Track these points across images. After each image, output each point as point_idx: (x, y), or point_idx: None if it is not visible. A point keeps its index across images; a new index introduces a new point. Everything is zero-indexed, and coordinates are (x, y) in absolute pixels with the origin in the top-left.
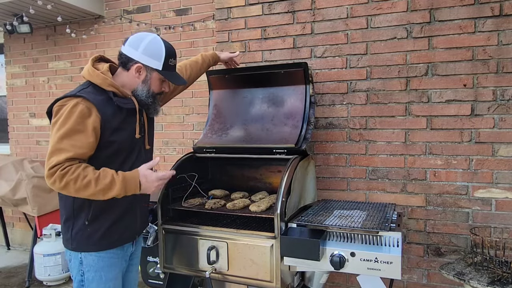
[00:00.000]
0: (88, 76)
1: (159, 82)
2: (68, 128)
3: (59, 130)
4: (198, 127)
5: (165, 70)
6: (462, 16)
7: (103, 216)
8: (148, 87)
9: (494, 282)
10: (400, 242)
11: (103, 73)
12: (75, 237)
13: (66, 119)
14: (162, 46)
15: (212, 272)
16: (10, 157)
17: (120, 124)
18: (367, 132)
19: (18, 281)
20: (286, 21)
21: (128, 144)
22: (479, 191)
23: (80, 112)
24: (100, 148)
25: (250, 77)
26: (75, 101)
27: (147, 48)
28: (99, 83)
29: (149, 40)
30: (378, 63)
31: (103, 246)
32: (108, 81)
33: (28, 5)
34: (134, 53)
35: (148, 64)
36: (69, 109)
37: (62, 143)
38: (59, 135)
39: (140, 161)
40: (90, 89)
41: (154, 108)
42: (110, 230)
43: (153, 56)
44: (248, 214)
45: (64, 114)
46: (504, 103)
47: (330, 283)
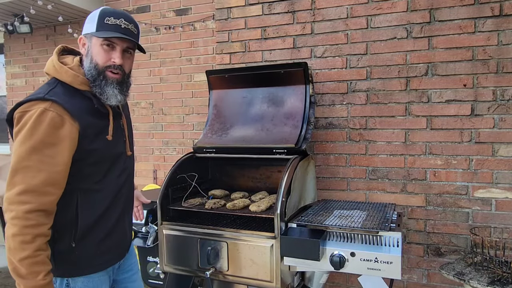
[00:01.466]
0: (53, 72)
1: (103, 50)
2: (36, 140)
3: (25, 143)
4: (198, 127)
5: (101, 30)
6: (462, 16)
7: (92, 234)
8: (90, 58)
9: (494, 282)
10: (400, 242)
11: (72, 68)
12: (60, 262)
13: (33, 129)
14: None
15: (212, 272)
16: (10, 157)
17: (101, 129)
18: (367, 132)
19: None
20: (286, 21)
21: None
22: (479, 191)
23: (51, 120)
24: (80, 159)
25: (250, 77)
26: (42, 106)
27: (87, 19)
28: (69, 81)
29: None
30: (378, 63)
31: (95, 268)
32: (80, 79)
33: (29, 5)
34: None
35: (84, 32)
36: (35, 116)
37: (30, 160)
38: (25, 149)
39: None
40: (59, 89)
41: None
42: (101, 248)
43: (89, 21)
44: (248, 214)
45: (30, 122)
46: (504, 103)
47: (330, 283)
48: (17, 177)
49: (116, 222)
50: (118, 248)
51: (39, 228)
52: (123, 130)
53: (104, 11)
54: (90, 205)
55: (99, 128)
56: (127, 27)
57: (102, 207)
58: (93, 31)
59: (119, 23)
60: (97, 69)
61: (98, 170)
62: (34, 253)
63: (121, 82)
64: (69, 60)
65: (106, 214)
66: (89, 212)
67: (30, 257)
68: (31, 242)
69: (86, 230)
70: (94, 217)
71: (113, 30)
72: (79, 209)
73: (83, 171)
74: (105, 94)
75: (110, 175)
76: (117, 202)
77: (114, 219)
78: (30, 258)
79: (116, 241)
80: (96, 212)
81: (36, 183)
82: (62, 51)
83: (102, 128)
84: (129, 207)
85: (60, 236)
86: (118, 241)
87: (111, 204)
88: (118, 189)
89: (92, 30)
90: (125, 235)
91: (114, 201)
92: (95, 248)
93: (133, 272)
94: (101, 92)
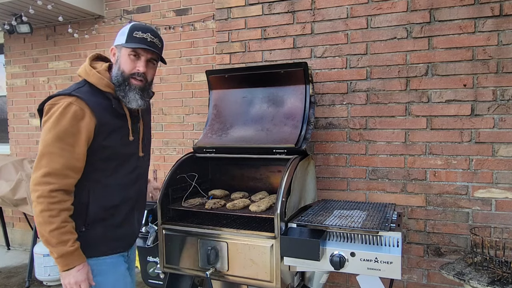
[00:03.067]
0: (84, 74)
1: (130, 60)
2: (61, 129)
3: (50, 131)
4: (198, 127)
5: (129, 42)
6: (462, 16)
7: (102, 224)
8: (118, 66)
9: (494, 282)
10: (400, 242)
11: (100, 72)
12: None
13: (58, 119)
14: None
15: (212, 272)
16: (10, 157)
17: (115, 128)
18: (367, 132)
19: (18, 281)
20: (286, 21)
21: (122, 149)
22: (479, 191)
23: (74, 113)
24: (93, 152)
25: (250, 77)
26: (68, 100)
27: (119, 33)
28: (95, 83)
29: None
30: (378, 63)
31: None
32: (105, 82)
33: (28, 5)
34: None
35: (116, 43)
36: (61, 109)
37: (54, 146)
38: (51, 136)
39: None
40: (86, 88)
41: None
42: (108, 237)
43: (121, 33)
44: (248, 214)
45: (56, 113)
46: (504, 103)
47: (330, 283)
48: (43, 161)
49: (125, 217)
50: (125, 239)
51: (62, 204)
52: (138, 133)
53: (134, 26)
54: (100, 196)
55: (114, 127)
56: (153, 40)
57: (111, 201)
58: (123, 42)
59: (145, 37)
60: (123, 76)
61: (109, 165)
62: (61, 224)
63: (143, 88)
64: (99, 65)
65: (115, 208)
66: (99, 203)
67: (58, 228)
68: (57, 216)
69: (95, 218)
70: (103, 208)
71: (140, 42)
72: (90, 198)
73: (95, 165)
74: (127, 98)
75: (121, 172)
76: (127, 198)
77: (123, 214)
78: (58, 229)
79: (123, 234)
80: (106, 204)
81: (58, 167)
82: (96, 58)
83: (117, 127)
84: (140, 204)
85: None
86: (125, 234)
87: (122, 199)
88: (128, 186)
89: (122, 42)
90: (133, 230)
91: (124, 197)
92: (102, 236)
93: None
94: (124, 95)
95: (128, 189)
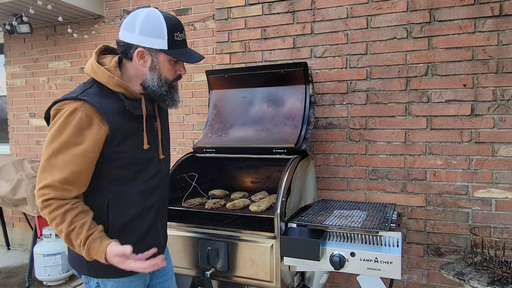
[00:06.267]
0: (91, 72)
1: (171, 65)
2: (63, 140)
3: (53, 141)
4: (198, 127)
5: (173, 49)
6: (462, 16)
7: (124, 236)
8: (158, 74)
9: (494, 282)
10: (400, 242)
11: (109, 69)
12: (91, 263)
13: (62, 128)
14: (161, 19)
15: (212, 272)
16: (10, 157)
17: (131, 132)
18: (367, 132)
19: (18, 281)
20: (286, 21)
21: (140, 154)
22: (479, 191)
23: (79, 121)
24: (108, 161)
25: (250, 77)
26: (73, 106)
27: (143, 26)
28: (105, 82)
29: (144, 15)
30: (378, 63)
31: (125, 273)
32: (115, 80)
33: (28, 5)
34: (131, 36)
35: (150, 46)
36: (65, 116)
37: (56, 158)
38: (53, 148)
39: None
40: (95, 89)
41: (171, 98)
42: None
43: (153, 34)
44: (248, 214)
45: (60, 122)
46: (504, 103)
47: (330, 283)
48: (44, 174)
49: (150, 226)
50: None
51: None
52: (156, 133)
53: (172, 26)
54: (121, 207)
55: (129, 131)
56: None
57: (134, 210)
58: (164, 48)
59: (184, 37)
60: (168, 83)
61: (128, 173)
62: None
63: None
64: (107, 60)
65: (139, 217)
66: (121, 214)
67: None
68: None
69: (118, 232)
70: (125, 220)
71: (183, 46)
72: (110, 210)
73: (112, 174)
74: (172, 101)
75: (141, 178)
76: (150, 205)
77: (148, 223)
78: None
79: (149, 246)
80: (128, 215)
81: (56, 179)
82: (103, 50)
83: (133, 131)
84: (164, 210)
85: None
86: (151, 246)
87: (144, 207)
88: (150, 192)
89: (163, 47)
90: (159, 240)
91: (147, 205)
92: None
93: (168, 277)
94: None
95: (151, 197)
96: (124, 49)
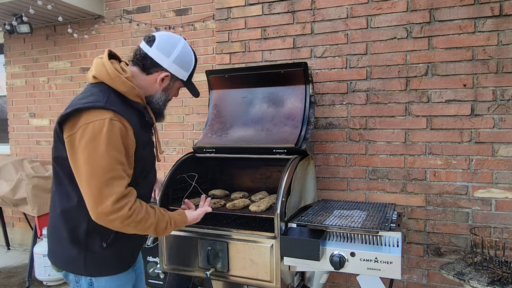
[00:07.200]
0: (108, 79)
1: (177, 91)
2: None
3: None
4: (198, 127)
5: (189, 82)
6: (462, 16)
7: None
8: (167, 96)
9: (494, 282)
10: (400, 242)
11: (129, 79)
12: (89, 262)
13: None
14: (192, 56)
15: (212, 272)
16: (10, 157)
17: (147, 140)
18: (367, 132)
19: (18, 281)
20: (286, 21)
21: (150, 162)
22: (479, 191)
23: (120, 131)
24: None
25: (250, 77)
26: (108, 116)
27: (179, 57)
28: (125, 92)
29: (181, 47)
30: (378, 63)
31: (119, 269)
32: (136, 91)
33: (28, 5)
34: (164, 60)
35: (176, 74)
36: (107, 127)
37: (115, 170)
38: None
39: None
40: (115, 98)
41: (164, 115)
42: (127, 250)
43: (183, 66)
44: (248, 214)
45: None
46: (504, 103)
47: (330, 283)
48: (107, 190)
49: None
50: (138, 248)
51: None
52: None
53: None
54: None
55: (146, 139)
56: None
57: None
58: (184, 79)
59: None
60: (166, 102)
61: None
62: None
63: None
64: (118, 67)
65: None
66: None
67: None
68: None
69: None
70: None
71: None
72: None
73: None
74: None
75: (146, 181)
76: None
77: None
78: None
79: (139, 242)
80: None
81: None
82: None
83: (148, 139)
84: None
85: (93, 236)
86: (140, 242)
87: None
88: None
89: (183, 78)
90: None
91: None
92: (123, 249)
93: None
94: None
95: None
96: (148, 64)
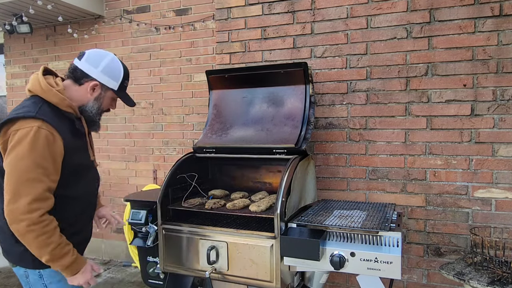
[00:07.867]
0: (39, 91)
1: (110, 101)
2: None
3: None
4: (198, 127)
5: (120, 91)
6: (462, 16)
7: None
8: (99, 105)
9: (494, 282)
10: (400, 242)
11: (60, 92)
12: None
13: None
14: (121, 67)
15: (212, 272)
16: None
17: (77, 147)
18: (367, 132)
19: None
20: (286, 21)
21: (84, 165)
22: (479, 191)
23: (46, 138)
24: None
25: (250, 77)
26: (36, 124)
27: (106, 68)
28: (56, 103)
29: (109, 59)
30: (378, 63)
31: None
32: (67, 102)
33: (28, 5)
34: (92, 70)
35: (105, 83)
36: (33, 134)
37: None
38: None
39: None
40: (46, 108)
41: (98, 124)
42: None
43: (112, 76)
44: (248, 214)
45: (28, 139)
46: (504, 103)
47: (330, 283)
48: (24, 189)
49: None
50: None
51: (52, 223)
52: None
53: (126, 75)
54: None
55: (77, 146)
56: None
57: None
58: (114, 88)
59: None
60: (100, 111)
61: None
62: (59, 240)
63: None
64: (52, 81)
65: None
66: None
67: (58, 245)
68: (52, 235)
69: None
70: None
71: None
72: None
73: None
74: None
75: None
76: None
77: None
78: (58, 246)
79: (85, 238)
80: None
81: (40, 192)
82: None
83: (80, 146)
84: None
85: None
86: (86, 239)
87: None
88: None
89: (113, 87)
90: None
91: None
92: None
93: None
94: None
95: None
96: (79, 76)
